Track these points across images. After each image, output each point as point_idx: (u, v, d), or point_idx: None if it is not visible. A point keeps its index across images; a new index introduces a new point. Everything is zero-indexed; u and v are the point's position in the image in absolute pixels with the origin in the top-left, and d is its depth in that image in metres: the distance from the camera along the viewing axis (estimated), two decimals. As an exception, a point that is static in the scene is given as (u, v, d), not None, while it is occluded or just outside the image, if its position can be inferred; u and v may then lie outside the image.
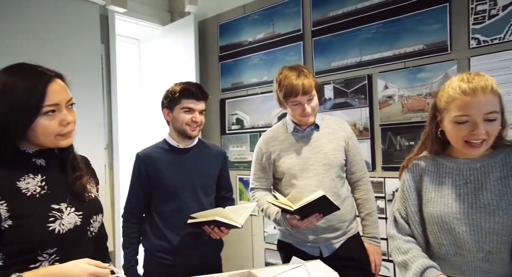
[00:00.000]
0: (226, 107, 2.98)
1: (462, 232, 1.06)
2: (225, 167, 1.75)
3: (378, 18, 2.15)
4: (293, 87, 1.52)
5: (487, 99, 0.99)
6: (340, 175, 1.63)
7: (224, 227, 1.49)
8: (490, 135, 1.01)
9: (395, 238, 1.20)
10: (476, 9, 1.82)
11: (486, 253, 1.04)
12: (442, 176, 1.13)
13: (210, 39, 3.08)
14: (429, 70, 1.97)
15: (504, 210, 1.02)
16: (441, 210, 1.10)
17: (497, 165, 1.07)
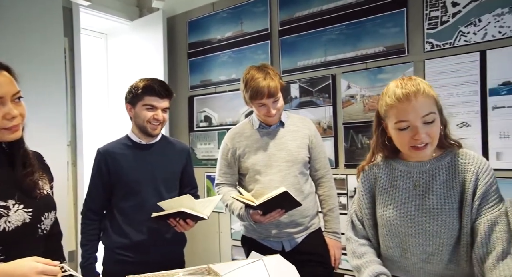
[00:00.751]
0: (194, 105, 2.98)
1: (408, 235, 1.08)
2: (189, 164, 1.75)
3: (342, 20, 2.22)
4: (259, 89, 1.54)
5: (421, 103, 1.00)
6: (303, 171, 1.67)
7: (190, 219, 1.49)
8: (432, 137, 1.03)
9: (351, 241, 1.22)
10: (430, 15, 1.93)
11: (429, 255, 1.07)
12: (394, 179, 1.15)
13: (179, 36, 3.06)
14: (388, 71, 2.07)
15: (446, 213, 1.04)
16: (390, 213, 1.12)
17: (443, 167, 1.09)
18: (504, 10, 1.74)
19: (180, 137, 3.04)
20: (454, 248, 1.05)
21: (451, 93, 1.88)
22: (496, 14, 1.75)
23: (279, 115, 1.66)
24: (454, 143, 1.11)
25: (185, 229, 1.53)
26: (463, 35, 1.84)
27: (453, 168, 1.07)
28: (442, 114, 1.07)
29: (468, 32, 1.83)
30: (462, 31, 1.84)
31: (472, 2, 1.81)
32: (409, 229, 1.08)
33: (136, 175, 1.54)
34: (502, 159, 1.76)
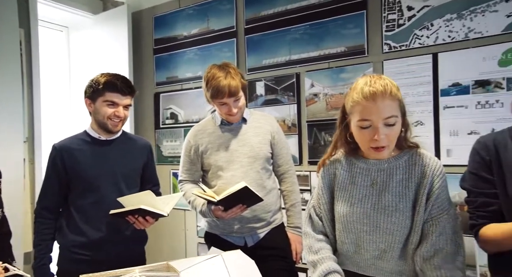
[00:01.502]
0: (160, 101, 2.94)
1: (363, 232, 1.11)
2: (151, 160, 1.73)
3: (305, 20, 2.27)
4: (220, 89, 1.55)
5: (385, 104, 1.01)
6: (265, 167, 1.69)
7: (150, 216, 1.48)
8: (390, 140, 1.05)
9: (308, 236, 1.22)
10: (388, 18, 2.01)
11: (381, 252, 1.10)
12: (353, 176, 1.16)
13: (144, 31, 3.01)
14: (349, 71, 2.14)
15: (400, 212, 1.07)
16: (346, 209, 1.14)
17: (400, 167, 1.10)
18: (452, 15, 1.84)
19: (146, 134, 2.99)
20: (404, 246, 1.09)
21: (407, 93, 1.97)
22: (446, 19, 1.86)
23: (241, 114, 1.68)
24: (412, 145, 1.13)
25: (145, 226, 1.51)
26: (417, 38, 1.94)
27: (410, 168, 1.10)
28: (405, 117, 1.09)
29: (422, 35, 1.92)
30: (417, 34, 1.94)
31: (425, 7, 1.91)
32: (364, 226, 1.11)
33: (94, 171, 1.51)
34: (451, 156, 1.87)
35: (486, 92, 1.77)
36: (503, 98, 1.73)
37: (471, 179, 1.09)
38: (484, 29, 1.77)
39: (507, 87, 1.72)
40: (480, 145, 1.09)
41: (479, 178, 1.07)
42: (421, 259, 1.05)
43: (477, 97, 1.79)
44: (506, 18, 1.72)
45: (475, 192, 1.08)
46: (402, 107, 1.07)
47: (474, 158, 1.10)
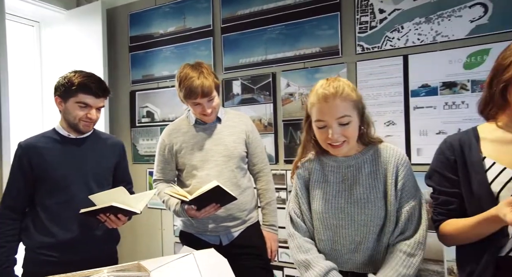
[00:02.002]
0: (136, 100, 2.90)
1: (339, 227, 1.15)
2: (123, 159, 1.71)
3: (281, 20, 2.29)
4: (193, 89, 1.54)
5: (337, 105, 1.07)
6: (240, 166, 1.70)
7: (122, 214, 1.46)
8: (348, 136, 1.10)
9: (296, 237, 1.23)
10: (361, 20, 2.06)
11: (357, 244, 1.14)
12: (325, 174, 1.21)
13: (120, 29, 2.95)
14: (324, 71, 2.17)
15: (372, 203, 1.13)
16: (322, 206, 1.18)
17: (368, 161, 1.17)
18: (421, 19, 1.91)
19: (121, 133, 2.95)
20: (378, 237, 1.14)
21: (379, 93, 2.03)
22: (415, 23, 1.92)
23: (215, 113, 1.68)
24: (375, 140, 1.20)
25: (117, 225, 1.49)
26: (389, 40, 1.99)
27: (376, 161, 1.16)
28: (363, 116, 1.15)
29: (393, 37, 1.98)
30: (388, 36, 1.99)
31: (395, 10, 1.96)
32: (340, 221, 1.15)
33: (63, 170, 1.47)
34: (421, 155, 1.94)
35: (452, 93, 1.84)
36: (468, 99, 1.81)
37: (436, 177, 1.14)
38: (450, 33, 1.84)
39: (471, 88, 1.80)
40: (446, 144, 1.13)
41: (443, 177, 1.11)
42: (391, 245, 1.13)
43: (444, 98, 1.86)
44: (470, 23, 1.79)
45: (438, 190, 1.13)
46: (358, 106, 1.12)
47: (439, 157, 1.14)
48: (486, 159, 1.04)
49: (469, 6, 1.79)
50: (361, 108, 1.14)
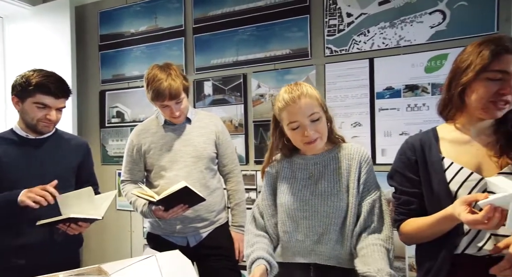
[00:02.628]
0: (106, 99, 2.84)
1: (303, 218, 1.20)
2: (88, 160, 1.67)
3: (252, 22, 2.31)
4: (160, 91, 1.53)
5: (306, 103, 1.14)
6: (209, 167, 1.70)
7: (82, 221, 1.42)
8: (320, 132, 1.17)
9: (248, 233, 1.29)
10: (329, 23, 2.11)
11: (319, 235, 1.18)
12: (293, 171, 1.26)
13: (89, 27, 2.89)
14: (294, 72, 2.21)
15: (335, 196, 1.18)
16: (288, 199, 1.23)
17: (333, 158, 1.23)
18: (386, 24, 1.97)
19: (90, 133, 2.88)
20: (340, 229, 1.18)
21: (347, 95, 2.08)
22: (380, 27, 1.98)
23: (184, 115, 1.67)
24: (339, 137, 1.28)
25: (79, 231, 1.45)
26: (356, 43, 2.05)
27: (341, 158, 1.23)
28: (326, 112, 1.21)
29: (359, 40, 2.04)
30: (355, 40, 2.05)
31: (362, 14, 2.02)
32: (304, 213, 1.20)
33: (19, 173, 1.42)
34: (386, 155, 2.00)
35: (414, 96, 1.92)
36: (429, 101, 1.88)
37: (397, 177, 1.17)
38: (412, 38, 1.91)
39: (431, 91, 1.88)
40: (408, 145, 1.17)
41: (404, 177, 1.15)
42: (354, 238, 1.16)
43: (407, 100, 1.93)
44: (430, 29, 1.87)
45: (400, 190, 1.16)
46: (322, 104, 1.19)
47: (401, 157, 1.18)
48: (445, 159, 1.08)
49: (429, 12, 1.87)
50: (324, 105, 1.20)
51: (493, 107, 1.01)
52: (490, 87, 1.00)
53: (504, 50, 0.98)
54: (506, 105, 1.01)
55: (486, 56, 1.00)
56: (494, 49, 0.99)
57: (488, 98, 1.01)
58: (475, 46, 1.03)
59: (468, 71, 1.03)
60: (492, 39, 1.02)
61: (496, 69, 0.99)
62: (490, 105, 1.01)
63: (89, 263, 1.62)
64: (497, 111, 1.01)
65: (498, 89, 0.99)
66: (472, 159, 1.06)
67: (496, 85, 0.99)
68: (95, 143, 2.86)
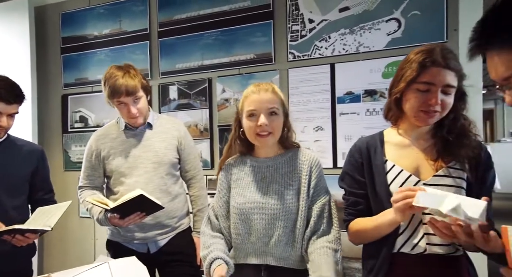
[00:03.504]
0: (68, 104, 2.76)
1: (254, 220, 1.22)
2: (42, 167, 1.62)
3: (217, 26, 2.31)
4: (116, 87, 1.51)
5: (269, 97, 1.20)
6: (171, 173, 1.67)
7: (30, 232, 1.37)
8: (273, 128, 1.20)
9: (204, 235, 1.30)
10: (292, 29, 2.14)
11: (270, 237, 1.21)
12: (247, 173, 1.29)
13: (50, 29, 2.80)
14: (258, 77, 2.22)
15: (285, 198, 1.21)
16: (240, 201, 1.25)
17: (285, 162, 1.27)
18: (346, 30, 2.02)
19: (52, 139, 2.78)
20: (291, 231, 1.21)
21: (309, 100, 2.11)
22: (340, 33, 2.03)
23: (143, 116, 1.65)
24: (295, 145, 1.31)
25: (27, 243, 1.40)
26: (317, 48, 2.09)
27: (293, 163, 1.26)
28: (287, 118, 1.26)
29: (321, 46, 2.08)
30: (317, 45, 2.09)
31: (323, 21, 2.07)
32: (255, 215, 1.22)
33: None
34: (348, 158, 2.04)
35: (373, 100, 1.97)
36: (386, 106, 1.94)
37: (347, 179, 1.21)
38: (371, 44, 1.97)
39: (388, 96, 1.94)
40: (355, 148, 1.21)
41: (353, 179, 1.19)
42: (305, 241, 1.20)
43: (366, 105, 1.99)
44: (386, 36, 1.94)
45: (349, 192, 1.20)
46: (284, 107, 1.24)
47: (350, 160, 1.22)
48: (388, 162, 1.13)
49: (386, 20, 1.94)
50: (286, 110, 1.25)
51: (424, 116, 1.06)
52: (418, 98, 1.05)
53: (431, 62, 1.03)
54: (436, 113, 1.06)
55: (415, 68, 1.05)
56: (422, 62, 1.04)
57: (418, 108, 1.06)
58: (413, 55, 1.08)
59: (401, 82, 1.09)
60: (425, 50, 1.06)
61: (423, 81, 1.04)
62: (421, 114, 1.06)
63: (50, 271, 1.56)
64: (428, 119, 1.07)
65: (425, 99, 1.04)
66: (412, 163, 1.11)
67: (424, 96, 1.04)
68: (57, 149, 2.77)
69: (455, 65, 1.03)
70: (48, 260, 2.77)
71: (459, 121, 1.11)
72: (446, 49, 1.05)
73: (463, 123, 1.11)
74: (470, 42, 0.77)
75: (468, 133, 1.10)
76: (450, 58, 1.03)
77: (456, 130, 1.10)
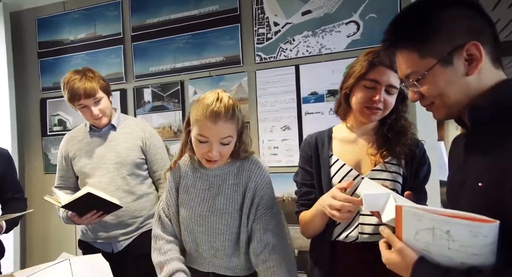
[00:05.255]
0: (47, 107, 2.81)
1: (200, 232, 1.22)
2: (9, 169, 1.68)
3: (188, 30, 2.37)
4: (74, 90, 1.58)
5: (224, 127, 1.11)
6: (134, 173, 1.71)
7: None
8: (223, 155, 1.16)
9: (159, 238, 1.27)
10: (258, 32, 2.21)
11: (215, 250, 1.22)
12: (195, 180, 1.25)
13: (26, 33, 2.85)
14: (228, 79, 2.29)
15: (229, 214, 1.20)
16: (187, 212, 1.24)
17: (232, 173, 1.23)
18: (309, 33, 2.10)
19: (31, 142, 2.84)
20: (235, 244, 1.22)
21: (276, 100, 2.19)
22: (304, 36, 2.11)
23: (107, 117, 1.70)
24: (247, 154, 1.24)
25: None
26: (282, 50, 2.16)
27: (240, 174, 1.23)
28: (242, 134, 1.21)
29: (286, 48, 2.15)
30: (282, 47, 2.16)
31: (287, 24, 2.14)
32: (200, 227, 1.22)
33: None
34: (314, 156, 2.12)
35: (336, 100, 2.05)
36: (348, 105, 2.02)
37: (300, 172, 1.28)
38: (332, 46, 2.05)
39: (349, 96, 2.02)
40: (305, 142, 1.29)
41: (305, 171, 1.26)
42: (253, 256, 1.18)
43: (330, 104, 2.06)
44: (347, 38, 2.01)
45: (301, 183, 1.27)
46: (240, 126, 1.19)
47: (301, 153, 1.29)
48: (333, 156, 1.21)
49: (346, 23, 2.01)
50: (241, 128, 1.19)
51: (367, 112, 1.14)
52: (364, 93, 1.13)
53: (379, 62, 1.11)
54: (379, 111, 1.14)
55: (364, 65, 1.13)
56: (371, 60, 1.12)
57: (363, 103, 1.14)
58: (363, 55, 1.16)
59: (350, 78, 1.16)
60: (374, 51, 1.13)
61: (370, 78, 1.12)
62: (365, 110, 1.14)
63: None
64: (371, 116, 1.15)
65: (370, 96, 1.12)
66: (354, 157, 1.20)
67: (370, 93, 1.12)
68: (37, 152, 2.82)
69: None
70: (30, 261, 2.83)
71: (400, 121, 1.19)
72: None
73: (403, 123, 1.19)
74: (381, 43, 0.87)
75: (406, 132, 1.18)
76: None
77: (396, 128, 1.18)
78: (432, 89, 0.77)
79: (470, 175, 0.75)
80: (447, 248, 0.66)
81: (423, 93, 0.79)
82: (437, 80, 0.76)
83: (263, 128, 2.22)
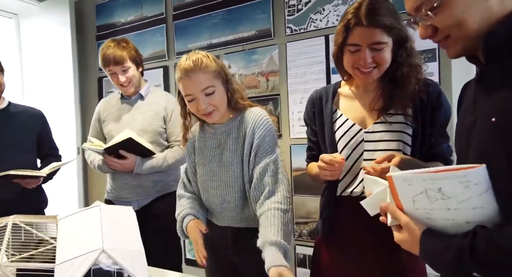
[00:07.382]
0: (103, 85, 3.12)
1: (212, 188, 1.28)
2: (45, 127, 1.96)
3: (223, 6, 2.45)
4: (105, 57, 1.73)
5: (199, 78, 1.16)
6: (156, 141, 1.80)
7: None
8: (216, 105, 1.20)
9: (180, 197, 1.37)
10: (289, 3, 2.21)
11: (227, 203, 1.26)
12: (206, 140, 1.32)
13: (88, 19, 3.17)
14: (259, 53, 2.34)
15: (235, 165, 1.24)
16: (201, 171, 1.31)
17: (235, 126, 1.26)
18: (339, 1, 2.04)
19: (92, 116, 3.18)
20: (243, 194, 1.26)
21: (306, 71, 2.18)
22: (334, 5, 2.06)
23: (133, 86, 1.82)
24: (245, 105, 1.28)
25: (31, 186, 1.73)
26: (312, 21, 2.14)
27: (241, 126, 1.25)
28: (229, 84, 1.24)
29: (316, 19, 2.12)
30: (312, 18, 2.14)
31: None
32: (213, 182, 1.28)
33: None
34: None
35: (364, 69, 1.98)
36: (377, 74, 1.95)
37: (308, 128, 1.33)
38: (362, 13, 1.97)
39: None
40: (310, 98, 1.31)
41: (310, 127, 1.32)
42: (253, 202, 1.22)
43: (359, 74, 2.00)
44: (376, 3, 1.92)
45: (308, 138, 1.33)
46: (220, 75, 1.21)
47: (306, 110, 1.32)
48: (337, 111, 1.21)
49: (376, -13, 1.92)
50: (224, 76, 1.23)
51: (359, 74, 1.11)
52: (349, 58, 1.10)
53: (356, 23, 1.04)
54: (372, 70, 1.09)
55: (340, 31, 1.09)
56: (346, 24, 1.06)
57: (352, 67, 1.11)
58: (344, 15, 1.10)
59: (334, 46, 1.14)
60: (351, 10, 1.06)
61: (350, 43, 1.07)
62: (357, 73, 1.12)
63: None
64: (366, 76, 1.11)
65: (356, 59, 1.08)
66: (358, 113, 1.18)
67: (355, 56, 1.08)
68: (96, 125, 3.17)
69: (381, 21, 1.03)
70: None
71: (400, 69, 1.10)
72: (373, 4, 1.04)
73: (403, 71, 1.10)
74: None
75: (409, 79, 1.09)
76: (376, 15, 1.02)
77: (396, 79, 1.11)
78: (448, 18, 0.69)
79: (482, 112, 0.69)
80: (447, 209, 0.63)
81: (437, 25, 0.71)
82: (454, 6, 0.68)
83: (292, 100, 2.23)
